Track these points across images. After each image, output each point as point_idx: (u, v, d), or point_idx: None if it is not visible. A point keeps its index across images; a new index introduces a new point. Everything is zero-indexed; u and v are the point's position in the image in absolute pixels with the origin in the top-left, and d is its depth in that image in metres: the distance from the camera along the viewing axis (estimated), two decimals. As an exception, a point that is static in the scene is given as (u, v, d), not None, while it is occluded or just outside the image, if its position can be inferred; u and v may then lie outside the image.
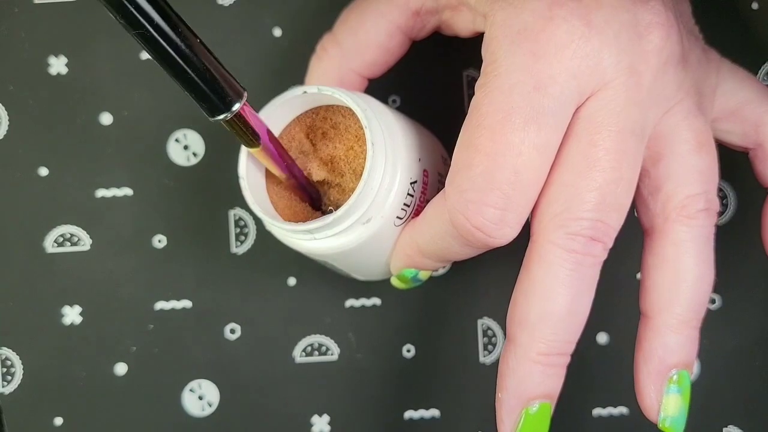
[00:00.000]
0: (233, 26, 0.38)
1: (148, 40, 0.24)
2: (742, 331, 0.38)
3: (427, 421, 0.39)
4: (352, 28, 0.33)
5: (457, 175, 0.28)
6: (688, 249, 0.29)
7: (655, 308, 0.30)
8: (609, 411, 0.39)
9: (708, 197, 0.30)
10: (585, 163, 0.28)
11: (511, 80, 0.27)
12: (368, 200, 0.30)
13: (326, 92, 0.31)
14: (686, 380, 0.30)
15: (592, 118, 0.28)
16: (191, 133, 0.39)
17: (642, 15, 0.28)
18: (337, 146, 0.32)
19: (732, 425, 0.38)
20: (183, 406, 0.39)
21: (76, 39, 0.39)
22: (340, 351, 0.39)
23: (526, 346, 0.28)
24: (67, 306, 0.39)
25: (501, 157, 0.27)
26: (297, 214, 0.32)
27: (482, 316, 0.39)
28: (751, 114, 0.32)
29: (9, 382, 0.38)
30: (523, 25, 0.28)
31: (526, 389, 0.29)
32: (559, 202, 0.28)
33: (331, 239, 0.31)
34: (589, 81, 0.28)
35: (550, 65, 0.27)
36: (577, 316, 0.29)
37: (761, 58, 0.38)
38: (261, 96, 0.39)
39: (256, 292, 0.39)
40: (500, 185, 0.27)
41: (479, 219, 0.28)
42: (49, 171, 0.38)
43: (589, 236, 0.28)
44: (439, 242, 0.30)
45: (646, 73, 0.28)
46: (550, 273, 0.28)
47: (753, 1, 0.38)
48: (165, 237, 0.39)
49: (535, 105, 0.27)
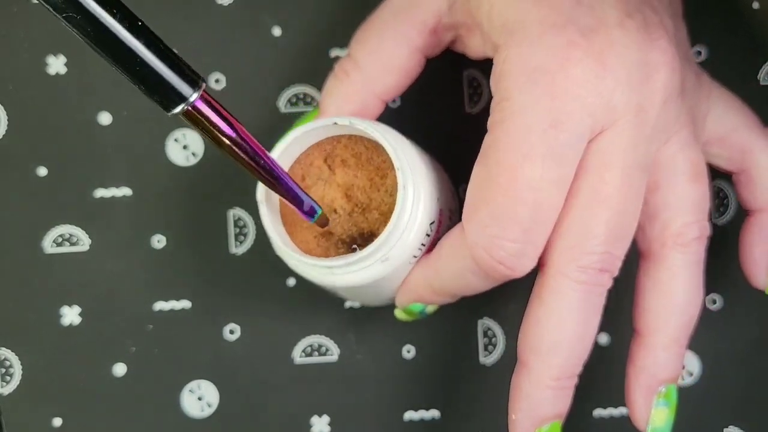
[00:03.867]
0: (232, 26, 0.38)
1: (79, 24, 0.22)
2: (742, 331, 0.38)
3: (427, 421, 0.39)
4: (372, 52, 0.33)
5: (476, 211, 0.30)
6: (681, 274, 0.31)
7: (649, 328, 0.32)
8: (610, 412, 0.39)
9: (701, 225, 0.32)
10: (595, 199, 0.29)
11: (528, 119, 0.29)
12: (393, 241, 0.31)
13: (359, 126, 0.31)
14: (673, 394, 0.32)
15: (601, 155, 0.29)
16: (190, 132, 0.39)
17: (650, 55, 0.30)
18: (357, 176, 0.32)
19: (733, 426, 0.38)
20: (182, 407, 0.39)
21: (74, 39, 0.38)
22: (340, 351, 0.39)
23: (540, 372, 0.30)
24: (66, 306, 0.38)
25: (520, 194, 0.29)
26: (307, 244, 0.33)
27: (482, 317, 0.39)
28: (738, 141, 0.34)
29: (8, 382, 0.38)
30: (539, 63, 0.29)
31: (540, 411, 0.30)
32: (571, 236, 0.30)
33: (348, 275, 0.31)
34: (602, 118, 0.29)
35: (566, 104, 0.29)
36: (587, 340, 0.31)
37: (761, 58, 0.38)
38: (261, 96, 0.39)
39: (255, 292, 0.39)
40: (520, 220, 0.29)
41: (501, 253, 0.29)
42: (47, 171, 0.38)
43: (599, 268, 0.30)
44: (458, 279, 0.32)
45: (652, 110, 0.30)
46: (561, 303, 0.30)
47: (753, 1, 0.38)
48: (164, 237, 0.39)
49: (552, 142, 0.29)
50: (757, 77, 0.38)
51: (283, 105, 0.39)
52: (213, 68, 0.38)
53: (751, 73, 0.38)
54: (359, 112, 0.33)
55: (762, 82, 0.38)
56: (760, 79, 0.38)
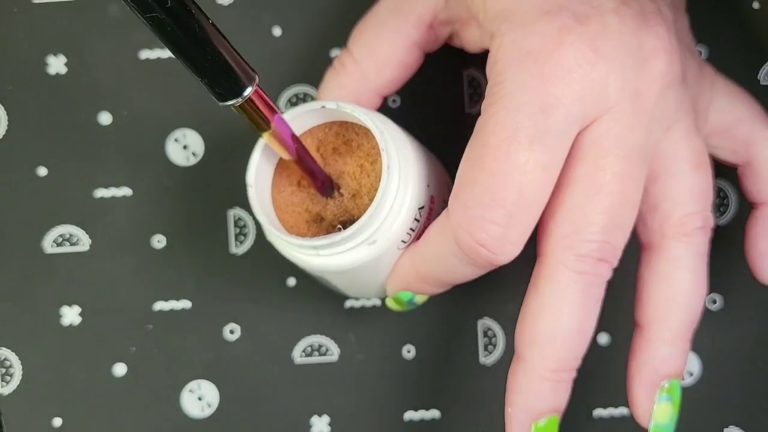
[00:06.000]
0: (233, 26, 0.38)
1: (162, 24, 0.23)
2: (742, 331, 0.38)
3: (427, 421, 0.39)
4: (369, 47, 0.34)
5: (461, 192, 0.29)
6: (683, 266, 0.31)
7: (650, 321, 0.31)
8: (609, 412, 0.39)
9: (704, 215, 0.31)
10: (592, 186, 0.29)
11: (518, 101, 0.28)
12: (377, 222, 0.30)
13: (345, 109, 0.31)
14: (677, 389, 0.31)
15: (598, 142, 0.29)
16: (191, 132, 0.39)
17: (646, 40, 0.29)
18: (347, 162, 0.32)
19: (733, 426, 0.38)
20: (182, 407, 0.39)
21: (75, 38, 0.38)
22: (340, 351, 0.39)
23: (536, 364, 0.29)
24: (66, 306, 0.38)
25: (505, 176, 0.28)
26: (298, 228, 0.32)
27: (482, 317, 0.39)
28: (742, 133, 0.33)
29: (8, 382, 0.38)
30: (532, 47, 0.28)
31: (536, 405, 0.30)
32: (567, 224, 0.29)
33: (334, 257, 0.31)
34: (594, 105, 0.28)
35: (556, 88, 0.28)
36: (585, 333, 0.30)
37: (761, 58, 0.38)
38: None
39: (255, 292, 0.39)
40: (504, 203, 0.28)
41: (482, 235, 0.28)
42: (48, 171, 0.38)
43: (597, 257, 0.29)
44: (442, 264, 0.31)
45: (650, 97, 0.29)
46: (559, 293, 0.29)
47: (753, 1, 0.38)
48: (164, 237, 0.39)
49: (541, 126, 0.28)
50: (757, 77, 0.38)
51: (283, 105, 0.39)
52: (213, 68, 0.38)
53: (751, 73, 0.38)
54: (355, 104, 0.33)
55: (762, 82, 0.38)
56: (760, 79, 0.38)
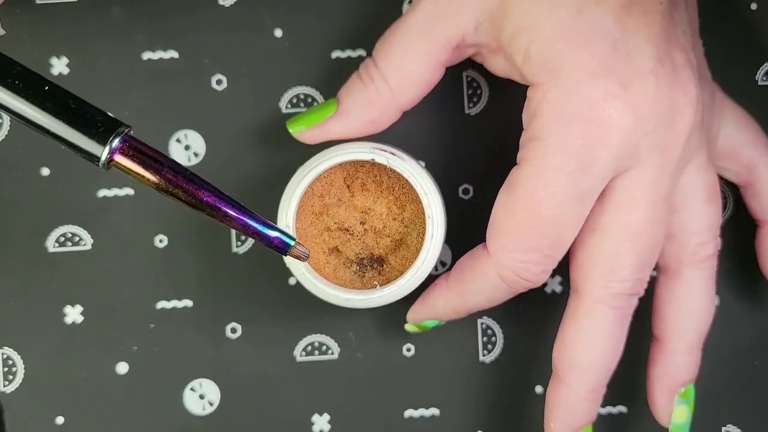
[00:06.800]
0: (234, 27, 0.38)
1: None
2: (742, 331, 0.39)
3: (426, 419, 0.39)
4: (397, 65, 0.34)
5: (503, 236, 0.33)
6: (697, 288, 0.34)
7: (667, 336, 0.35)
8: (608, 410, 0.39)
9: (715, 243, 0.34)
10: (625, 232, 0.32)
11: (559, 161, 0.31)
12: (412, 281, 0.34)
13: (396, 167, 0.33)
14: (691, 393, 0.35)
15: (629, 192, 0.32)
16: (192, 133, 0.39)
17: (676, 97, 0.31)
18: (376, 201, 0.35)
19: (731, 425, 0.39)
20: (184, 405, 0.39)
21: (77, 39, 0.39)
22: (341, 350, 0.39)
23: (577, 387, 0.34)
24: (69, 305, 0.39)
25: (546, 228, 0.32)
26: (317, 259, 0.35)
27: (482, 316, 0.39)
28: (746, 156, 0.36)
29: (11, 381, 0.38)
30: (577, 110, 0.31)
31: (576, 420, 0.34)
32: (603, 265, 0.33)
33: (361, 303, 0.35)
34: (627, 161, 0.31)
35: (596, 151, 0.31)
36: (617, 355, 0.34)
37: (761, 58, 0.38)
38: (262, 97, 0.39)
39: (257, 291, 0.39)
40: (543, 248, 0.32)
41: (526, 274, 0.33)
42: (50, 171, 0.39)
43: (630, 293, 0.33)
44: (484, 296, 0.34)
45: (677, 149, 0.32)
46: (597, 326, 0.33)
47: (752, 2, 0.38)
48: (166, 237, 0.39)
49: (578, 184, 0.31)
50: (755, 78, 0.38)
51: (284, 106, 0.39)
52: (215, 69, 0.38)
53: (749, 74, 0.38)
54: (377, 119, 0.35)
55: (760, 82, 0.38)
56: (758, 80, 0.38)
